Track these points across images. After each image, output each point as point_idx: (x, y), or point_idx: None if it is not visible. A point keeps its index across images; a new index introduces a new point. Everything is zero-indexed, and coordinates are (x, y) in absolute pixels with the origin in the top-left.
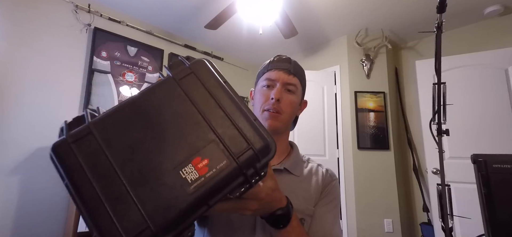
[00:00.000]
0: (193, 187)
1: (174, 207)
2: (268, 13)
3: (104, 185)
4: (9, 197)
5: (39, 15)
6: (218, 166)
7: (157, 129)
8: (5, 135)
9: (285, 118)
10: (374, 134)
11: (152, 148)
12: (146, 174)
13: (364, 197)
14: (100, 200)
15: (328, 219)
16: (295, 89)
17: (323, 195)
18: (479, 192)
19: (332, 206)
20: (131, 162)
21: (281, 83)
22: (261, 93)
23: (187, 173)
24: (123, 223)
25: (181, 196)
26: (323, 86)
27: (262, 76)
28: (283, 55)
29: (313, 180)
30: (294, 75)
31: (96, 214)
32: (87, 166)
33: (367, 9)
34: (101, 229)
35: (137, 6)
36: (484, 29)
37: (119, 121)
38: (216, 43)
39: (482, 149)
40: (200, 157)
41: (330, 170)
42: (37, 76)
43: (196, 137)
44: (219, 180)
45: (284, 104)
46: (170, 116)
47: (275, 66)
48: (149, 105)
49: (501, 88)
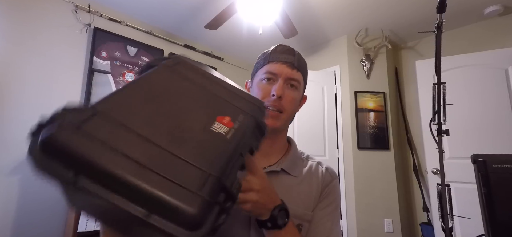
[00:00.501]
0: (229, 136)
1: (221, 154)
2: (268, 13)
3: (142, 155)
4: (9, 197)
5: (39, 15)
6: (239, 119)
7: (168, 102)
8: (5, 135)
9: (286, 117)
10: (374, 134)
11: (172, 116)
12: (180, 137)
13: (364, 197)
14: (145, 169)
15: (327, 224)
16: (298, 85)
17: (323, 197)
18: (479, 192)
19: (331, 208)
20: (160, 130)
21: (283, 78)
22: (260, 88)
23: (218, 128)
24: (181, 180)
25: (223, 145)
26: (323, 86)
27: (262, 68)
28: (285, 45)
29: (313, 181)
30: (298, 69)
31: (148, 186)
32: (110, 142)
33: (367, 9)
34: (160, 196)
35: (137, 6)
36: (484, 29)
37: (126, 99)
38: (216, 43)
39: (482, 149)
40: (221, 116)
41: (330, 169)
42: (37, 76)
43: (208, 103)
44: (245, 128)
45: (286, 102)
46: (176, 91)
47: (277, 58)
48: (151, 85)
49: (501, 88)
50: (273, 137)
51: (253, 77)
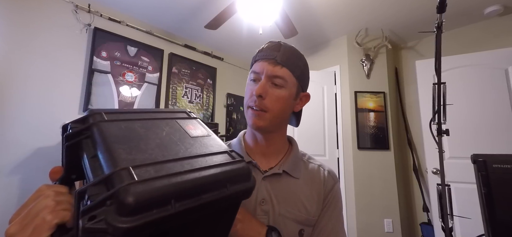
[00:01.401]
0: None
1: None
2: (268, 13)
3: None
4: (9, 197)
5: (39, 15)
6: None
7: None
8: (6, 135)
9: (271, 116)
10: (374, 134)
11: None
12: None
13: (364, 197)
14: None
15: (332, 232)
16: (283, 82)
17: (326, 202)
18: (479, 192)
19: (336, 215)
20: None
21: (265, 76)
22: (247, 88)
23: None
24: None
25: None
26: (323, 86)
27: (251, 67)
28: (275, 40)
29: (315, 185)
30: (283, 65)
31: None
32: None
33: (367, 9)
34: None
35: (137, 6)
36: (484, 29)
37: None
38: (216, 43)
39: (482, 149)
40: None
41: (332, 171)
42: (37, 76)
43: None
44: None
45: (269, 101)
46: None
47: (261, 56)
48: None
49: (501, 88)
50: (268, 137)
51: None
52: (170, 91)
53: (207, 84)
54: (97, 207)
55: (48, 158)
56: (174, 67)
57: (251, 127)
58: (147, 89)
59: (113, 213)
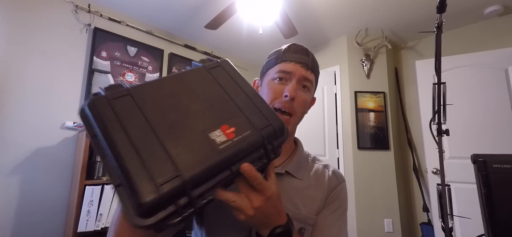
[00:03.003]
0: (221, 147)
1: (203, 162)
2: (268, 13)
3: (138, 137)
4: (9, 197)
5: (39, 15)
6: (244, 134)
7: (188, 99)
8: (5, 135)
9: (296, 120)
10: (374, 134)
11: (184, 112)
12: (179, 132)
13: (364, 197)
14: (133, 149)
15: (332, 230)
16: (310, 86)
17: (328, 201)
18: (479, 192)
19: (338, 214)
20: (165, 121)
21: (297, 78)
22: (272, 87)
23: (216, 136)
24: (153, 170)
25: (210, 153)
26: (323, 86)
27: (274, 67)
28: (299, 44)
29: (318, 185)
30: (312, 70)
31: (126, 161)
32: (123, 120)
33: (367, 9)
34: (130, 175)
35: (137, 6)
36: (484, 29)
37: (154, 89)
38: (216, 43)
39: (482, 149)
40: (228, 125)
41: (337, 172)
42: (37, 76)
43: (224, 110)
44: (245, 145)
45: (297, 104)
46: (201, 92)
47: (291, 58)
48: (182, 82)
49: (501, 88)
50: None
51: (263, 76)
52: None
53: None
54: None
55: (48, 158)
56: (174, 67)
57: None
58: None
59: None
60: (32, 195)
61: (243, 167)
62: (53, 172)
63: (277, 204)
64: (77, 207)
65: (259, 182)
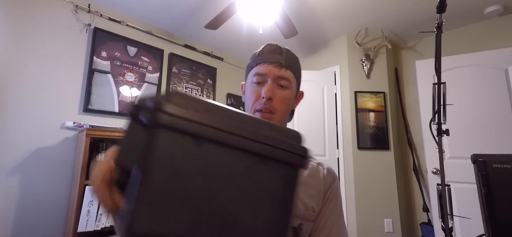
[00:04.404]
0: None
1: None
2: (268, 13)
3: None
4: (9, 197)
5: (39, 15)
6: None
7: None
8: (5, 135)
9: (279, 117)
10: (374, 134)
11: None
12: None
13: (364, 197)
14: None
15: (336, 228)
16: (288, 83)
17: (327, 199)
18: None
19: (337, 212)
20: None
21: (272, 78)
22: (252, 91)
23: None
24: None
25: None
26: (323, 86)
27: (251, 70)
28: (273, 43)
29: (314, 183)
30: (287, 67)
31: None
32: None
33: (367, 9)
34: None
35: (137, 6)
36: (484, 29)
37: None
38: (216, 43)
39: (482, 149)
40: None
41: (331, 169)
42: (37, 76)
43: None
44: None
45: (276, 102)
46: None
47: (264, 59)
48: None
49: (501, 88)
50: None
51: (246, 80)
52: None
53: (207, 84)
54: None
55: (48, 158)
56: (174, 67)
57: None
58: (147, 89)
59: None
60: (32, 195)
61: None
62: (53, 172)
63: None
64: (77, 207)
65: None
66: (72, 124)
